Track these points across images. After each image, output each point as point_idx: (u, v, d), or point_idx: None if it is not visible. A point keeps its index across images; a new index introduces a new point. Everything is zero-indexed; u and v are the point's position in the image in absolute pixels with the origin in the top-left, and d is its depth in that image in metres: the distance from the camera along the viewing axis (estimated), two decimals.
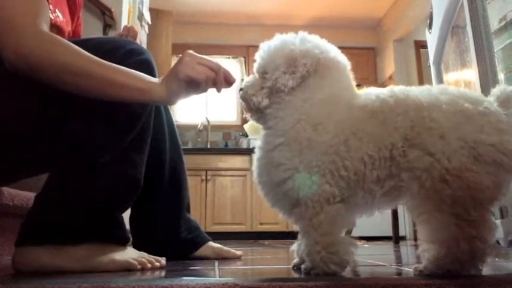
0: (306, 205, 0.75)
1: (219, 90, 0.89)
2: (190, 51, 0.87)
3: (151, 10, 3.13)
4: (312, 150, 0.75)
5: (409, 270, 0.83)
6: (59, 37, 0.82)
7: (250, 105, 0.87)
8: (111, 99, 0.83)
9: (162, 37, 3.92)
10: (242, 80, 4.79)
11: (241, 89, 0.89)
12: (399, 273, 0.82)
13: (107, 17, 2.39)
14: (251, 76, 0.89)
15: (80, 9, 1.26)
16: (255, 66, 0.89)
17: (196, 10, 4.56)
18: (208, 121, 4.58)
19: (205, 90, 0.87)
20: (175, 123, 1.34)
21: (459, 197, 0.69)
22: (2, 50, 0.78)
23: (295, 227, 0.83)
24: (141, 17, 2.72)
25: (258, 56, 0.88)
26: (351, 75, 0.86)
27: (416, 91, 0.78)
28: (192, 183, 3.73)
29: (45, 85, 0.81)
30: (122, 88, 0.81)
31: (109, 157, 0.88)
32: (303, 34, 0.86)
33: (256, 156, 0.85)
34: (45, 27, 0.83)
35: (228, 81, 0.89)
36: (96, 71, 0.80)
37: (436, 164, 0.70)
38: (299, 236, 0.82)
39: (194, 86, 0.84)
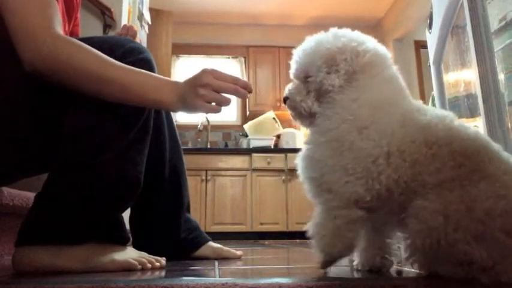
0: (334, 197, 0.75)
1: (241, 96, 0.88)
2: (209, 73, 0.84)
3: (151, 10, 3.13)
4: (352, 154, 0.74)
5: (409, 270, 0.83)
6: (77, 40, 0.83)
7: (301, 112, 0.84)
8: (127, 103, 0.85)
9: (162, 37, 3.92)
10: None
11: (286, 98, 0.87)
12: (399, 273, 0.82)
13: (107, 17, 2.39)
14: (291, 84, 0.87)
15: (77, 10, 1.26)
16: (292, 72, 0.87)
17: (196, 10, 4.56)
18: (208, 121, 4.58)
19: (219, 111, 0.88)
20: (175, 123, 1.34)
21: (448, 259, 0.66)
22: (20, 54, 0.79)
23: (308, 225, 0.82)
24: (141, 17, 2.72)
25: (294, 62, 0.86)
26: (395, 68, 0.84)
27: (495, 150, 0.72)
28: (192, 183, 3.73)
29: (48, 85, 0.81)
30: (139, 97, 0.84)
31: (109, 156, 0.88)
32: (334, 30, 0.84)
33: (301, 152, 0.84)
34: (60, 30, 0.83)
35: (248, 90, 0.88)
36: (117, 77, 0.82)
37: (441, 227, 0.65)
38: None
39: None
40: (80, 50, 0.82)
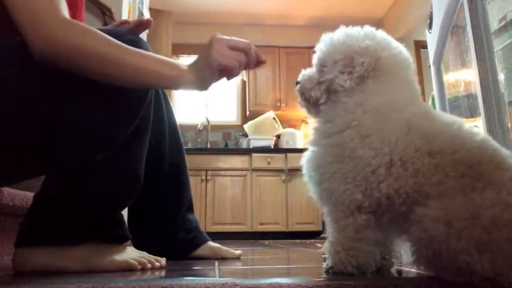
0: (336, 207, 0.75)
1: (249, 68, 0.90)
2: (219, 35, 0.87)
3: (151, 10, 3.13)
4: (352, 161, 0.73)
5: (409, 270, 0.83)
6: (87, 25, 0.82)
7: (308, 99, 0.84)
8: (141, 86, 0.84)
9: (162, 37, 3.92)
10: (242, 79, 4.79)
11: (297, 83, 0.86)
12: (399, 273, 0.82)
13: (107, 17, 2.39)
14: (308, 69, 0.86)
15: (81, 9, 1.26)
16: (314, 58, 0.85)
17: (196, 10, 4.56)
18: (208, 121, 4.58)
19: (237, 74, 0.87)
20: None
21: (450, 266, 0.64)
22: (30, 41, 0.77)
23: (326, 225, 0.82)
24: (141, 17, 2.72)
25: (318, 49, 0.84)
26: (414, 78, 0.80)
27: (502, 157, 0.69)
28: (192, 183, 3.68)
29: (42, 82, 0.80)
30: (152, 76, 0.82)
31: (108, 152, 0.87)
32: (368, 29, 0.82)
33: (306, 153, 0.83)
34: (67, 15, 0.82)
35: (259, 61, 0.89)
36: (128, 60, 0.80)
37: (443, 236, 0.62)
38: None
39: (227, 73, 0.85)
40: (90, 34, 0.80)
